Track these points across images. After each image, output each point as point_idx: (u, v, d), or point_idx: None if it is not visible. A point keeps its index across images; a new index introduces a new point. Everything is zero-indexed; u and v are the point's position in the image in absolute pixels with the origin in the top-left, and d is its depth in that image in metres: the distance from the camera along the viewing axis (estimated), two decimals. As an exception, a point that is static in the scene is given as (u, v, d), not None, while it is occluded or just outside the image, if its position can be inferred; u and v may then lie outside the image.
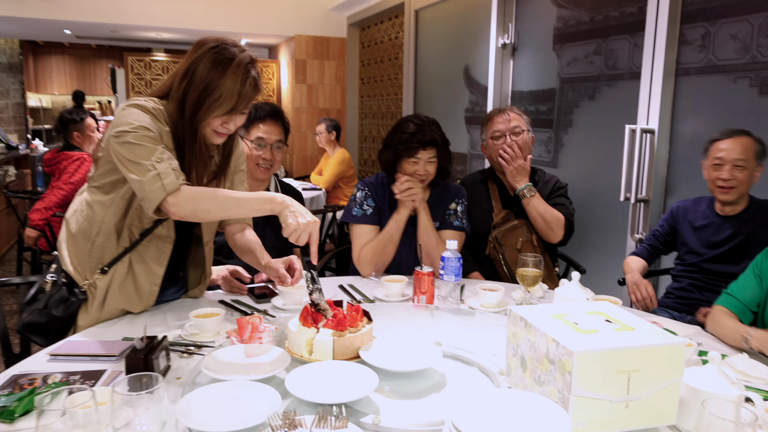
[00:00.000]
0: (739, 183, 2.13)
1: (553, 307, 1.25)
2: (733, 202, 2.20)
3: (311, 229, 1.53)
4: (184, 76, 1.59)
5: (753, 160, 2.13)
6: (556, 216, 2.41)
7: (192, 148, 1.62)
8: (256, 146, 2.22)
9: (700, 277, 2.27)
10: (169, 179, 1.50)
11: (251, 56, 1.61)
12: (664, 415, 1.10)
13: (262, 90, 1.66)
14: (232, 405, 1.12)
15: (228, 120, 1.61)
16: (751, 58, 2.33)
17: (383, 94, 6.19)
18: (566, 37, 3.33)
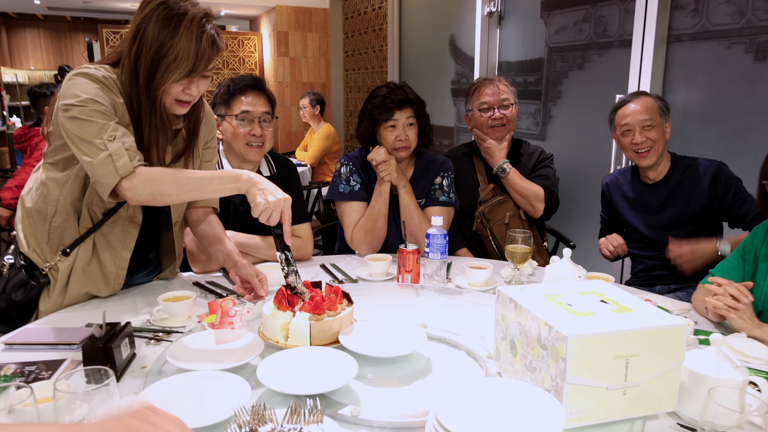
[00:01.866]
0: (653, 142, 2.09)
1: (544, 287, 1.17)
2: (655, 165, 2.14)
3: (282, 208, 1.40)
4: (133, 39, 1.43)
5: (659, 117, 2.10)
6: (535, 191, 2.33)
7: (151, 121, 1.47)
8: (242, 122, 1.96)
9: (656, 254, 2.18)
10: (123, 161, 1.36)
11: (205, 10, 1.45)
12: (663, 402, 1.03)
13: (223, 48, 1.51)
14: (198, 398, 1.03)
15: (189, 84, 1.46)
16: (746, 23, 2.24)
17: (368, 67, 6.03)
18: (554, 4, 3.20)
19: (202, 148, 1.70)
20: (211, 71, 1.48)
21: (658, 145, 2.10)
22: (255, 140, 1.98)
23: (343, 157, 2.23)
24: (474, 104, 2.46)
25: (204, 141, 1.70)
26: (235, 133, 1.97)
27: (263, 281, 1.56)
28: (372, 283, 1.84)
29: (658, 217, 2.17)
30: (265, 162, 2.09)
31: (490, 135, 2.40)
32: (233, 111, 1.98)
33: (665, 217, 2.16)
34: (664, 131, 2.13)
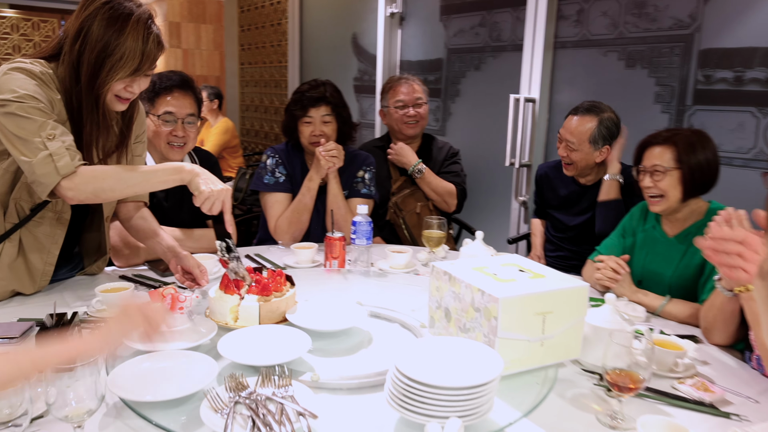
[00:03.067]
0: (572, 160, 2.23)
1: (471, 262, 1.34)
2: (579, 176, 2.31)
3: (224, 197, 1.48)
4: (76, 36, 1.43)
5: (587, 143, 2.19)
6: (448, 189, 2.55)
7: (92, 118, 1.47)
8: (164, 122, 1.94)
9: (575, 248, 2.39)
10: (64, 161, 1.36)
11: (150, 11, 1.48)
12: (570, 350, 1.24)
13: (166, 47, 1.55)
14: (168, 374, 1.10)
15: (132, 82, 1.48)
16: (619, 34, 2.59)
17: (266, 62, 6.02)
18: (452, 9, 3.45)
19: (133, 143, 1.70)
20: (153, 70, 1.51)
21: (577, 165, 2.23)
22: (177, 140, 1.98)
23: (269, 149, 2.30)
24: (390, 101, 2.62)
25: (135, 135, 1.71)
26: (158, 131, 1.95)
27: (204, 271, 1.62)
28: (301, 270, 1.94)
29: (584, 217, 2.32)
30: (189, 157, 2.11)
31: (404, 131, 2.58)
32: (157, 110, 1.95)
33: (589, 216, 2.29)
34: (590, 156, 2.20)
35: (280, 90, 5.74)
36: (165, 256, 1.68)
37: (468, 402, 0.93)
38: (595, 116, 2.20)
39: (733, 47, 2.20)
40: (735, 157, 2.20)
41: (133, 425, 1.01)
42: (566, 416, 1.10)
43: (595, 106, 2.24)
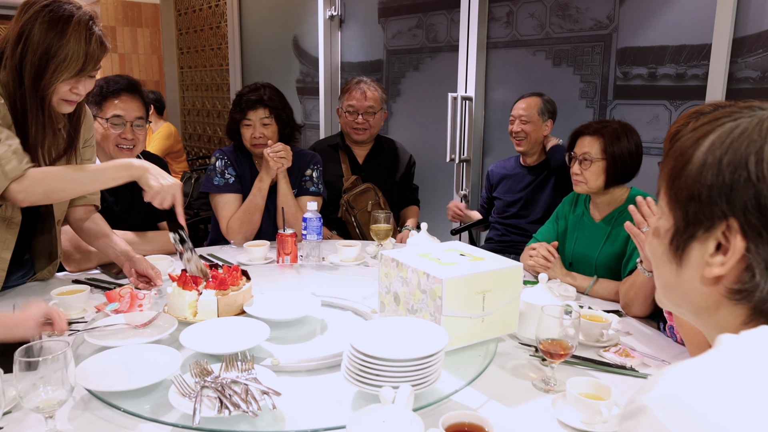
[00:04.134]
0: (527, 134, 2.57)
1: (416, 249, 1.45)
2: (530, 153, 2.63)
3: (174, 191, 1.53)
4: (17, 40, 1.45)
5: (536, 115, 2.57)
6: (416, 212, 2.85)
7: (38, 120, 1.49)
8: (113, 125, 1.96)
9: (512, 221, 2.67)
10: (11, 165, 1.39)
11: (90, 12, 1.51)
12: (508, 326, 1.37)
13: (110, 48, 1.58)
14: (134, 365, 1.15)
15: (77, 84, 1.51)
16: (545, 34, 2.77)
17: (206, 65, 5.98)
18: (390, 11, 3.56)
19: (81, 147, 1.72)
20: (97, 71, 1.54)
21: (530, 137, 2.56)
22: (126, 143, 2.00)
23: (217, 151, 2.34)
24: (343, 104, 2.69)
25: (84, 140, 1.73)
26: (106, 134, 1.97)
27: (158, 273, 1.66)
28: (254, 267, 2.00)
29: (522, 191, 2.64)
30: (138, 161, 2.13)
31: (351, 135, 2.67)
32: (105, 114, 1.97)
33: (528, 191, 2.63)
34: (540, 127, 2.56)
35: (222, 93, 5.72)
36: (118, 260, 1.71)
37: (418, 372, 1.04)
38: (538, 96, 2.60)
39: (647, 46, 2.40)
40: (652, 146, 2.40)
41: (101, 415, 1.06)
42: (506, 384, 1.22)
43: (535, 92, 2.61)
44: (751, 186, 0.57)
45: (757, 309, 0.59)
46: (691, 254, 0.63)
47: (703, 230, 0.61)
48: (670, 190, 0.65)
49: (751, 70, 2.10)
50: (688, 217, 0.63)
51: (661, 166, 0.69)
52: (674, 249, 0.65)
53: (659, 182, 0.69)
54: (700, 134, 0.63)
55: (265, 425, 1.00)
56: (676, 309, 0.70)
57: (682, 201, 0.63)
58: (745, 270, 0.59)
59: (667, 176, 0.66)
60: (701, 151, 0.62)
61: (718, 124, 0.62)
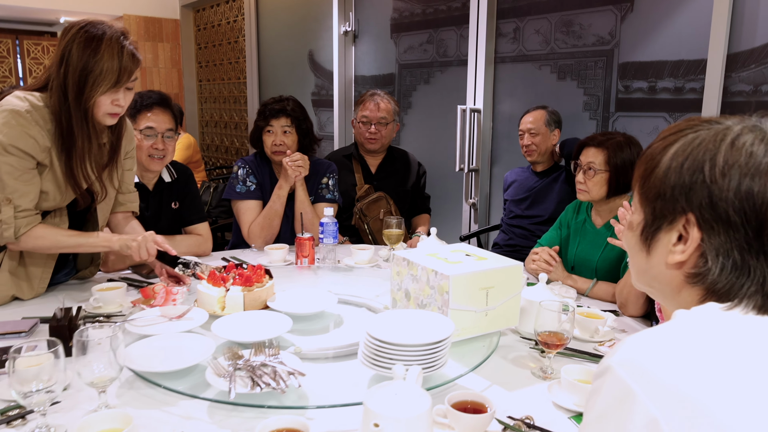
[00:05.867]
0: (537, 146, 2.71)
1: (424, 250, 1.58)
2: (540, 163, 2.77)
3: (150, 240, 1.71)
4: (60, 62, 1.61)
5: (544, 126, 2.71)
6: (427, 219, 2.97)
7: (84, 132, 1.63)
8: (146, 136, 2.12)
9: (517, 222, 2.80)
10: (8, 233, 1.61)
11: (122, 29, 1.66)
12: (509, 320, 1.49)
13: (141, 60, 1.72)
14: (174, 350, 1.28)
15: (116, 95, 1.65)
16: (550, 50, 2.89)
17: (224, 78, 6.17)
18: (402, 27, 3.71)
19: (123, 158, 1.87)
20: (134, 83, 1.69)
21: (540, 147, 2.70)
22: (158, 153, 2.15)
23: (239, 160, 2.50)
24: (358, 115, 2.84)
25: (125, 151, 1.88)
26: (139, 145, 2.11)
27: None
28: (274, 268, 2.12)
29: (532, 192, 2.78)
30: (166, 170, 2.28)
31: (365, 145, 2.81)
32: (138, 125, 2.13)
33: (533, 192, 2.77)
34: (548, 137, 2.70)
35: (239, 105, 5.90)
36: (152, 261, 1.85)
37: (427, 356, 1.16)
38: (543, 109, 2.74)
39: (647, 61, 2.52)
40: (652, 156, 2.51)
41: (145, 393, 1.19)
42: (507, 372, 1.34)
43: (539, 105, 2.76)
44: (705, 187, 0.69)
45: (709, 290, 0.71)
46: (657, 244, 0.75)
47: (667, 223, 0.73)
48: (641, 190, 0.78)
49: (744, 84, 2.22)
50: (656, 212, 0.75)
51: (635, 170, 0.81)
52: (644, 239, 0.77)
53: (633, 183, 0.82)
54: (667, 143, 0.76)
55: (292, 401, 1.13)
56: (648, 290, 0.82)
57: (650, 199, 0.76)
58: (700, 257, 0.71)
59: (639, 178, 0.79)
60: (667, 157, 0.74)
61: (682, 135, 0.75)
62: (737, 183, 0.67)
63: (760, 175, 0.66)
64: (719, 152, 0.69)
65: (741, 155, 0.68)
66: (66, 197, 1.73)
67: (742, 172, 0.67)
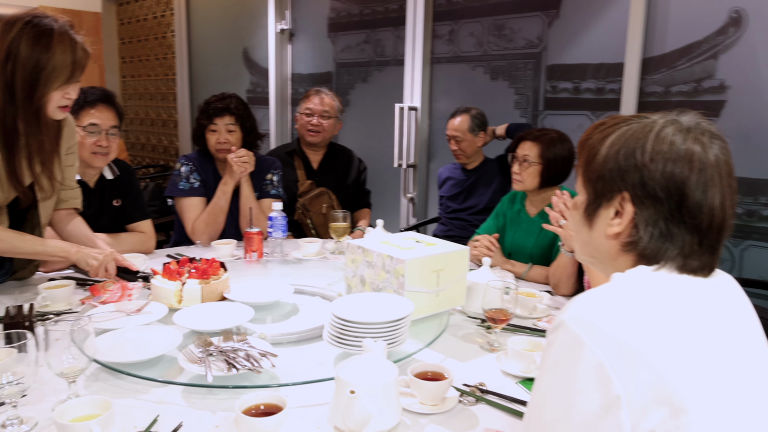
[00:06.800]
0: (462, 150, 2.92)
1: (378, 238, 1.67)
2: (469, 162, 2.97)
3: (111, 257, 1.72)
4: (6, 59, 1.56)
5: (468, 132, 2.89)
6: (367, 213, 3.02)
7: (32, 129, 1.60)
8: (89, 133, 2.07)
9: (455, 215, 2.95)
10: None
11: (69, 22, 1.63)
12: (457, 300, 1.60)
13: (92, 52, 1.69)
14: (142, 341, 1.30)
15: (67, 89, 1.62)
16: (483, 51, 3.06)
17: (150, 74, 6.00)
18: (339, 27, 3.79)
19: (65, 154, 1.84)
20: (82, 75, 1.66)
21: (467, 151, 2.91)
22: (102, 149, 2.11)
23: (182, 157, 2.48)
24: (301, 108, 2.88)
25: (66, 147, 1.84)
26: (82, 142, 2.06)
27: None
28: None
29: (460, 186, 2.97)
30: (108, 167, 2.24)
31: (306, 137, 2.86)
32: (81, 122, 2.07)
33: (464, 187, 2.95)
34: (473, 141, 2.89)
35: (168, 103, 5.76)
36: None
37: (390, 332, 1.25)
38: (466, 113, 2.90)
39: (571, 63, 2.73)
40: (577, 151, 2.72)
41: (113, 383, 1.21)
42: (458, 347, 1.45)
43: (464, 108, 2.92)
44: (637, 170, 0.82)
45: (640, 255, 0.84)
46: (598, 219, 0.88)
47: (606, 201, 0.86)
48: (585, 173, 0.90)
49: (657, 86, 2.45)
50: (597, 192, 0.87)
51: (578, 158, 0.94)
52: (587, 216, 0.90)
53: (577, 169, 0.94)
54: (605, 134, 0.88)
55: (267, 380, 1.19)
56: (590, 260, 0.94)
57: (592, 180, 0.88)
58: (633, 228, 0.83)
59: (583, 164, 0.91)
60: (605, 145, 0.86)
61: (617, 127, 0.87)
62: (662, 166, 0.80)
63: (680, 160, 0.79)
64: (647, 141, 0.82)
65: (665, 144, 0.81)
66: (8, 195, 1.69)
67: (666, 157, 0.80)
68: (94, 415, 1.01)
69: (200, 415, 1.09)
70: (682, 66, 2.39)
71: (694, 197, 0.78)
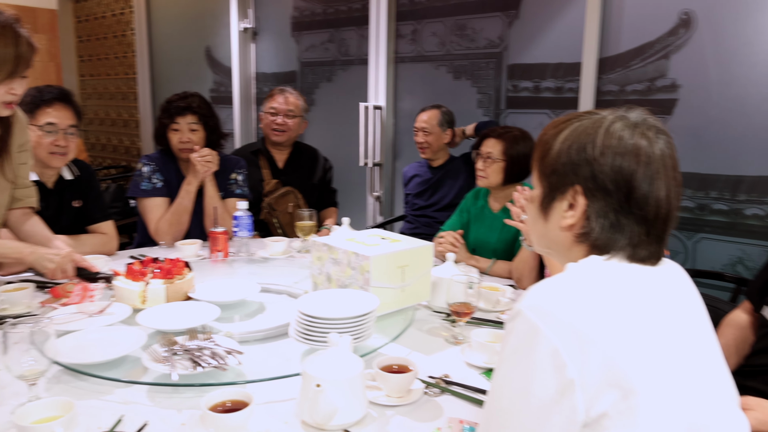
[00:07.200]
0: (429, 144, 2.92)
1: (343, 236, 1.68)
2: (434, 159, 2.99)
3: (69, 258, 1.67)
4: None
5: (437, 126, 2.91)
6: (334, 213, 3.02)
7: None
8: (47, 132, 2.01)
9: (421, 212, 2.99)
10: None
11: (14, 15, 1.58)
12: (422, 295, 1.63)
13: (38, 48, 1.65)
14: (105, 341, 1.29)
15: (11, 84, 1.56)
16: (446, 51, 3.10)
17: (110, 73, 5.88)
18: (303, 26, 3.78)
19: (17, 152, 1.79)
20: (28, 70, 1.62)
21: (433, 146, 2.90)
22: (60, 149, 2.05)
23: (144, 157, 2.45)
24: (266, 107, 2.86)
25: (18, 144, 1.79)
26: (39, 142, 2.01)
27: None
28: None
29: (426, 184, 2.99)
30: (67, 167, 2.20)
31: (271, 136, 2.85)
32: (38, 121, 2.02)
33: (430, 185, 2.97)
34: (441, 137, 2.89)
35: (128, 102, 5.65)
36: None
37: (356, 327, 1.27)
38: (437, 109, 2.93)
39: (532, 63, 2.79)
40: (538, 149, 2.78)
41: (76, 385, 1.20)
42: (424, 341, 1.48)
43: (435, 104, 2.94)
44: (588, 164, 0.85)
45: (592, 246, 0.87)
46: (553, 211, 0.91)
47: (560, 194, 0.89)
48: (539, 168, 0.93)
49: (613, 84, 2.53)
50: (551, 186, 0.91)
51: (534, 153, 0.97)
52: (543, 209, 0.93)
53: (533, 164, 0.97)
54: (558, 130, 0.92)
55: (233, 378, 1.19)
56: (546, 252, 0.98)
57: (547, 175, 0.91)
58: (586, 219, 0.87)
59: (538, 159, 0.94)
60: (558, 141, 0.90)
61: (570, 124, 0.91)
62: (611, 160, 0.84)
63: (628, 154, 0.83)
64: (597, 136, 0.86)
65: (614, 139, 0.85)
66: None
67: (615, 151, 0.84)
68: (56, 416, 1.01)
69: (166, 413, 1.09)
70: (636, 66, 2.47)
71: (641, 189, 0.82)
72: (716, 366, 0.87)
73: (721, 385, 0.86)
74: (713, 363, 0.86)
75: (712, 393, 0.82)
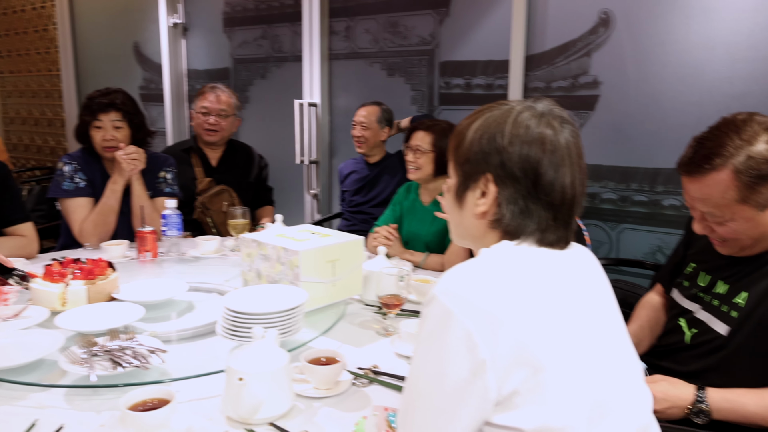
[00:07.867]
0: (366, 138, 2.94)
1: (274, 231, 1.67)
2: (371, 154, 3.00)
3: None
4: None
5: (375, 123, 2.93)
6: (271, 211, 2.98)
7: None
8: None
9: (358, 209, 3.00)
10: None
11: None
12: (354, 289, 1.64)
13: None
14: (21, 345, 1.23)
15: None
16: (380, 48, 3.12)
17: (31, 70, 5.59)
18: (235, 21, 3.72)
19: None
20: None
21: (369, 141, 2.92)
22: None
23: (64, 156, 2.34)
24: (197, 106, 2.79)
25: None
26: None
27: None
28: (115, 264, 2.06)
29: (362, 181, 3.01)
30: None
31: (203, 136, 2.78)
32: None
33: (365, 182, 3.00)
34: (378, 133, 2.91)
35: (53, 100, 5.39)
36: None
37: (283, 322, 1.26)
38: (378, 105, 2.93)
39: (463, 60, 2.85)
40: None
41: (-14, 392, 1.14)
42: (355, 333, 1.49)
43: (375, 101, 2.95)
44: (498, 153, 0.88)
45: (504, 232, 0.90)
46: (467, 200, 0.94)
47: (473, 182, 0.92)
48: (454, 157, 0.96)
49: (540, 81, 2.62)
50: (465, 174, 0.93)
51: (449, 144, 1.00)
52: (457, 197, 0.96)
53: (449, 154, 1.00)
54: (471, 121, 0.95)
55: (157, 377, 1.16)
56: (463, 241, 1.00)
57: (461, 164, 0.94)
58: (497, 206, 0.90)
59: (452, 150, 0.97)
60: (471, 131, 0.93)
61: (482, 114, 0.94)
62: (519, 149, 0.87)
63: (534, 143, 0.87)
64: (506, 126, 0.89)
65: (521, 128, 0.88)
66: None
67: (522, 140, 0.87)
68: (-38, 425, 0.95)
69: (83, 416, 1.05)
70: (560, 63, 2.56)
71: (547, 176, 0.86)
72: (622, 344, 0.91)
73: (627, 362, 0.91)
74: (619, 341, 0.91)
75: (617, 369, 0.87)
